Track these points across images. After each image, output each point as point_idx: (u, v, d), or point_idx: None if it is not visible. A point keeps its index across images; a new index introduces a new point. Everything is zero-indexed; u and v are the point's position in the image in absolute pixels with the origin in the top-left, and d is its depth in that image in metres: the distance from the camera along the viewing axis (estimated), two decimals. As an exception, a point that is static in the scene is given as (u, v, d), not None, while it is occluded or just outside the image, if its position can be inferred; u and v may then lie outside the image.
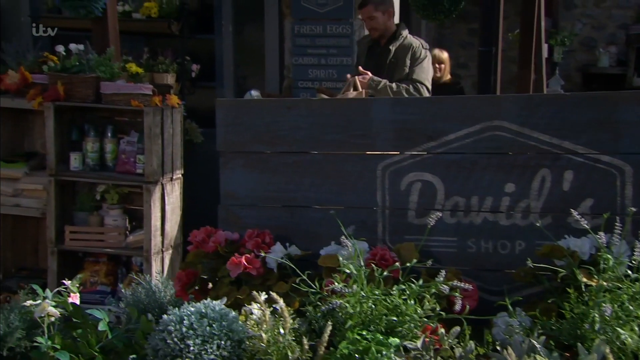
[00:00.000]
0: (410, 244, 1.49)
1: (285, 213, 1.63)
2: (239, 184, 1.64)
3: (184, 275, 1.57)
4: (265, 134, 1.60)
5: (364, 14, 3.64)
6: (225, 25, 4.71)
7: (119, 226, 3.62)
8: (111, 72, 3.55)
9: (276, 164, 1.61)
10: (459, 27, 6.19)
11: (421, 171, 1.51)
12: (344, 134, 1.55)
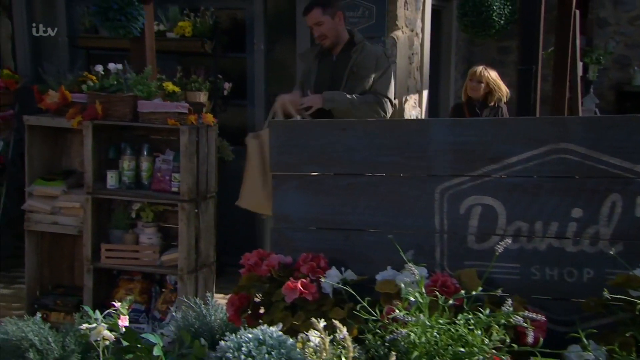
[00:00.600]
0: (471, 271, 1.44)
1: (339, 236, 1.60)
2: (292, 207, 1.61)
3: (237, 300, 1.55)
4: (319, 155, 1.58)
5: (310, 20, 3.22)
6: (257, 43, 4.73)
7: (154, 244, 3.62)
8: (148, 91, 3.58)
9: (330, 186, 1.58)
10: (490, 45, 6.14)
11: (481, 195, 1.47)
12: (401, 155, 1.52)
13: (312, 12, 3.18)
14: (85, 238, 3.52)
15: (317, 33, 3.18)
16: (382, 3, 4.41)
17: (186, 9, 4.68)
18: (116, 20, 3.53)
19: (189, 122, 3.52)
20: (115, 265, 3.55)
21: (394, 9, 4.44)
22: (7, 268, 4.54)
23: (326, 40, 3.20)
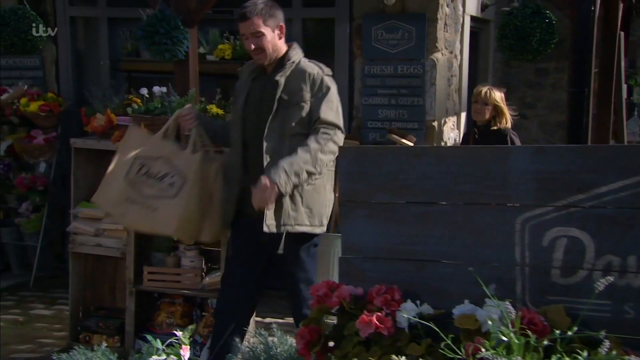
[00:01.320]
0: (558, 307, 1.37)
1: (412, 267, 1.54)
2: (361, 236, 1.56)
3: (307, 332, 1.49)
4: (391, 183, 1.53)
5: (247, 29, 2.61)
6: (295, 66, 4.75)
7: (196, 267, 3.59)
8: (192, 113, 3.59)
9: (403, 214, 1.53)
10: (526, 67, 6.07)
11: (567, 226, 1.40)
12: (478, 184, 1.46)
13: (251, 20, 2.60)
14: (128, 260, 3.50)
15: (254, 45, 2.60)
16: (421, 25, 4.39)
17: (226, 32, 4.71)
18: (162, 44, 3.56)
19: (232, 145, 3.51)
20: (158, 288, 3.52)
21: (434, 31, 4.41)
22: (47, 288, 4.55)
23: (262, 55, 2.64)
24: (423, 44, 4.40)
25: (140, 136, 2.94)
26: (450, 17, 4.61)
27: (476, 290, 1.42)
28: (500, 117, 3.84)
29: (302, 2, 4.68)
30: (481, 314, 1.37)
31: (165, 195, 2.68)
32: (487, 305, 1.37)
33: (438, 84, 4.49)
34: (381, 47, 4.53)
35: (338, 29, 4.62)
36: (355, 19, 4.52)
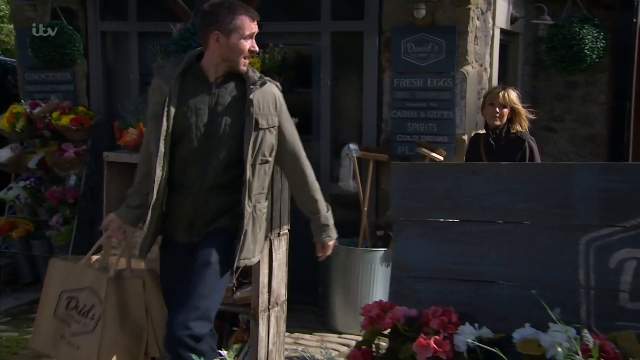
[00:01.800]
0: (629, 334, 1.30)
1: (468, 288, 1.49)
2: (414, 255, 1.51)
3: (360, 355, 1.44)
4: (446, 200, 1.48)
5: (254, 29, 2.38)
6: (323, 79, 4.72)
7: (226, 282, 3.56)
8: (224, 127, 3.58)
9: (458, 233, 1.48)
10: (555, 79, 5.98)
11: (636, 247, 1.33)
12: (539, 202, 1.41)
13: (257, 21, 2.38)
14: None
15: (251, 49, 2.37)
16: (452, 38, 4.35)
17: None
18: (194, 57, 3.55)
19: (264, 159, 3.49)
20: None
21: (464, 43, 4.37)
22: (75, 302, 4.55)
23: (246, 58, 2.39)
24: (453, 57, 4.36)
25: (63, 267, 2.67)
26: (480, 30, 4.56)
27: (537, 314, 1.36)
28: (518, 119, 3.56)
29: (330, 15, 4.67)
30: (545, 339, 1.31)
31: (86, 331, 2.44)
32: (553, 330, 1.31)
33: (468, 97, 4.44)
34: (410, 60, 4.49)
35: (367, 42, 4.61)
36: (385, 32, 4.50)
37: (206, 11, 2.34)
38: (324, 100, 4.77)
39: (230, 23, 2.30)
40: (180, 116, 2.31)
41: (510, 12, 5.13)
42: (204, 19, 2.35)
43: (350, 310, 4.32)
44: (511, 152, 3.44)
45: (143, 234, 2.48)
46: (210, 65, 2.34)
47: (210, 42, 2.31)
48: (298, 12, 4.89)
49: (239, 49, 2.31)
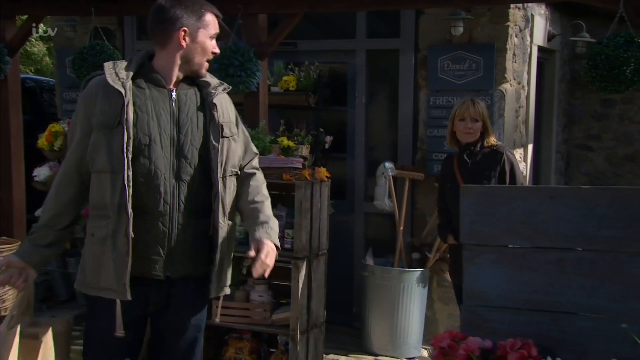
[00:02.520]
0: None
1: (546, 319, 1.41)
2: (487, 283, 1.45)
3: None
4: (522, 226, 1.42)
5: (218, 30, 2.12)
6: (358, 96, 4.70)
7: (265, 302, 3.52)
8: (263, 145, 3.56)
9: (536, 261, 1.41)
10: (591, 97, 5.88)
11: None
12: (627, 229, 1.34)
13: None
14: (197, 294, 3.45)
15: (217, 50, 2.11)
16: (490, 55, 4.29)
17: (290, 64, 4.72)
18: (236, 76, 3.56)
19: (303, 178, 3.46)
20: (228, 323, 3.45)
21: (503, 61, 4.32)
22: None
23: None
24: (491, 74, 4.30)
25: None
26: (518, 47, 4.51)
27: (624, 349, 1.29)
28: (489, 132, 3.26)
29: (366, 33, 4.66)
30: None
31: None
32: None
33: (506, 116, 4.37)
34: (447, 78, 4.44)
35: (403, 60, 4.57)
36: (421, 49, 4.47)
37: (167, 5, 2.00)
38: (358, 119, 4.75)
39: (199, 19, 2.01)
40: (141, 126, 1.98)
41: (547, 29, 5.06)
42: (165, 14, 2.00)
43: (386, 331, 4.23)
44: (488, 168, 3.15)
45: (110, 271, 1.97)
46: (167, 68, 2.02)
47: (173, 41, 1.99)
48: (333, 30, 4.89)
49: (205, 49, 2.03)
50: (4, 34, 3.83)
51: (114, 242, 1.95)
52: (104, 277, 1.98)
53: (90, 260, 2.03)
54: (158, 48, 2.04)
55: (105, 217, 1.97)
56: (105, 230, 1.97)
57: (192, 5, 2.02)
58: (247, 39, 3.69)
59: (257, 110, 3.76)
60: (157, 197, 2.01)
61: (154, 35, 2.04)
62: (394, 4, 3.58)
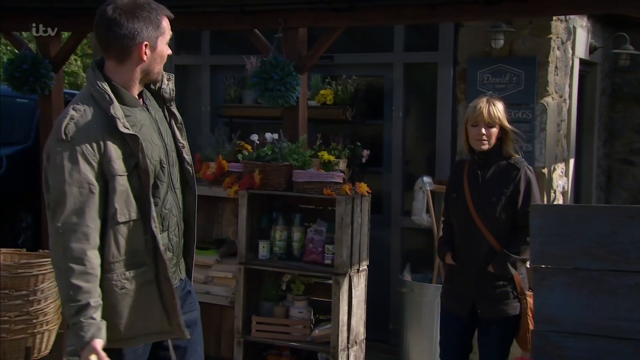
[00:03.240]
0: None
1: (626, 347, 1.34)
2: (560, 307, 1.38)
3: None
4: (597, 247, 1.35)
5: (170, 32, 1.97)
6: (395, 110, 4.66)
7: (305, 319, 3.47)
8: (303, 160, 3.54)
9: (614, 285, 1.34)
10: (633, 111, 5.72)
11: None
12: None
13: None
14: (237, 309, 3.43)
15: (169, 51, 1.98)
16: (531, 69, 4.21)
17: (327, 77, 4.71)
18: (276, 90, 3.56)
19: (344, 192, 3.42)
20: (266, 339, 3.42)
21: (545, 74, 4.23)
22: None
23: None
24: (533, 88, 4.22)
25: None
26: (560, 60, 4.42)
27: None
28: (508, 139, 2.76)
29: (403, 46, 4.63)
30: None
31: None
32: None
33: (548, 129, 4.28)
34: (487, 91, 4.36)
35: (441, 73, 4.52)
36: (460, 63, 4.41)
37: (122, 20, 1.83)
38: (395, 132, 4.70)
39: (158, 28, 1.87)
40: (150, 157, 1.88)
41: (589, 41, 4.96)
42: (121, 29, 1.83)
43: (424, 348, 4.14)
44: (501, 184, 2.71)
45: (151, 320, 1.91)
46: (131, 83, 1.89)
47: (133, 56, 1.85)
48: (370, 43, 4.87)
49: (163, 57, 1.92)
50: (49, 50, 3.90)
51: (158, 287, 1.89)
52: (152, 322, 1.91)
53: (131, 312, 1.88)
54: (113, 63, 1.88)
55: (141, 264, 1.88)
56: (142, 278, 1.88)
57: (148, 14, 1.86)
58: (287, 52, 3.68)
59: (296, 125, 3.74)
60: (178, 216, 1.99)
61: (108, 51, 1.87)
62: (435, 17, 3.54)
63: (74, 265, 1.76)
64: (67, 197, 1.77)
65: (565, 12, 3.91)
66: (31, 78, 3.81)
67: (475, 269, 2.76)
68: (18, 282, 3.47)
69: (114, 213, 1.82)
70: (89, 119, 1.81)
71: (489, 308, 2.74)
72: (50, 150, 1.81)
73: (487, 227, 2.73)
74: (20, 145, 5.86)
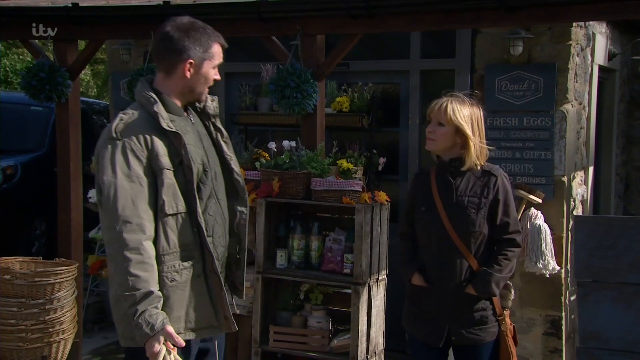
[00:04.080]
0: None
1: (677, 365, 1.28)
2: (607, 323, 1.33)
3: None
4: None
5: (222, 59, 2.13)
6: (412, 117, 4.61)
7: (323, 329, 3.42)
8: (322, 168, 3.50)
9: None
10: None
11: None
12: None
13: None
14: (255, 319, 3.39)
15: (218, 77, 2.14)
16: (550, 75, 4.16)
17: (344, 85, 4.68)
18: (292, 97, 3.52)
19: (363, 201, 3.38)
20: (284, 349, 3.37)
21: (564, 81, 4.18)
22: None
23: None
24: (552, 95, 4.17)
25: None
26: (580, 67, 4.37)
27: None
28: (468, 149, 2.43)
29: (420, 53, 4.59)
30: None
31: None
32: None
33: (568, 137, 4.22)
34: (505, 99, 4.33)
35: (458, 80, 4.48)
36: (477, 69, 4.37)
37: (175, 35, 2.00)
38: (411, 140, 4.66)
39: (206, 51, 2.03)
40: (194, 158, 2.01)
41: (608, 48, 4.91)
42: (172, 44, 1.99)
43: None
44: (480, 194, 2.42)
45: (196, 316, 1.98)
46: (177, 96, 2.06)
47: (177, 72, 2.01)
48: (386, 50, 4.83)
49: (208, 80, 2.07)
50: (66, 58, 3.90)
51: (206, 281, 1.97)
52: (202, 316, 1.98)
53: (182, 305, 1.95)
54: (162, 75, 2.06)
55: (189, 257, 1.96)
56: (191, 271, 1.96)
57: (200, 36, 2.02)
58: (304, 60, 3.65)
59: (314, 133, 3.70)
60: (224, 226, 2.09)
61: (159, 63, 2.07)
62: (455, 23, 3.50)
63: (131, 255, 1.83)
64: (119, 191, 1.87)
65: (588, 18, 3.86)
66: (48, 86, 3.80)
67: (451, 291, 2.41)
68: (35, 291, 3.45)
69: (162, 205, 1.91)
70: (136, 118, 1.96)
71: (465, 334, 2.41)
72: (101, 149, 1.94)
73: (465, 244, 2.39)
74: (34, 152, 5.87)
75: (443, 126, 2.45)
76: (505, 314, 2.43)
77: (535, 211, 3.91)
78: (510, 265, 2.42)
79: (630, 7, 2.98)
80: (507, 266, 2.41)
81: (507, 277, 2.43)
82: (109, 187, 1.88)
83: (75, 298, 3.70)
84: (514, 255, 2.44)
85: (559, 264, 3.80)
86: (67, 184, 3.89)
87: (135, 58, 4.86)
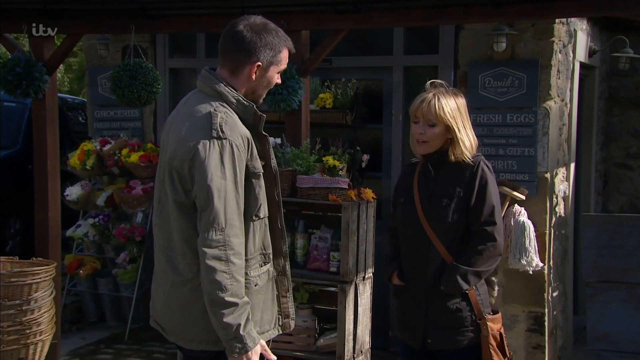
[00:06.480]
0: None
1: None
2: (616, 324, 1.31)
3: None
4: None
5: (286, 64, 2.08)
6: (395, 114, 4.59)
7: (309, 328, 3.39)
8: (307, 165, 3.45)
9: (673, 300, 1.27)
10: (631, 115, 5.72)
11: None
12: None
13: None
14: (240, 319, 3.31)
15: (279, 80, 2.09)
16: (533, 72, 4.18)
17: (327, 81, 4.62)
18: (278, 94, 3.46)
19: (349, 198, 3.34)
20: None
21: (547, 78, 4.20)
22: (143, 341, 4.42)
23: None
24: (535, 91, 4.18)
25: None
26: (562, 64, 4.39)
27: None
28: (456, 144, 2.30)
29: (403, 50, 4.56)
30: None
31: None
32: None
33: (551, 134, 4.24)
34: (488, 95, 4.33)
35: (441, 77, 4.45)
36: (461, 66, 4.36)
37: (247, 35, 1.91)
38: (395, 136, 4.63)
39: (275, 56, 1.97)
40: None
41: (588, 44, 4.95)
42: (243, 44, 1.91)
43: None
44: (454, 184, 2.30)
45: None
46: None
47: (243, 72, 1.94)
48: (370, 46, 4.79)
49: (270, 83, 2.03)
50: (43, 53, 3.76)
51: (275, 284, 2.03)
52: (267, 319, 2.02)
53: (258, 309, 1.96)
54: (226, 73, 1.97)
55: (267, 260, 1.99)
56: (266, 276, 1.99)
57: (272, 39, 1.95)
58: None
59: (299, 129, 3.65)
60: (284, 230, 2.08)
61: (225, 60, 1.97)
62: (442, 19, 3.47)
63: (236, 260, 1.80)
64: (226, 193, 1.80)
65: (575, 14, 3.88)
66: (24, 81, 3.66)
67: (424, 288, 2.27)
68: (11, 291, 3.33)
69: (258, 208, 1.90)
70: (232, 117, 1.88)
71: (441, 337, 2.25)
72: (201, 148, 1.82)
73: (438, 236, 2.24)
74: (7, 149, 5.69)
75: (434, 126, 2.28)
76: (488, 317, 2.25)
77: (519, 208, 3.91)
78: (481, 259, 2.23)
79: (617, 3, 2.99)
80: (477, 260, 2.23)
81: (479, 273, 2.24)
82: (219, 189, 1.79)
83: (54, 298, 3.58)
84: (485, 248, 2.24)
85: (542, 261, 3.82)
86: (45, 181, 3.76)
87: (113, 53, 4.73)
